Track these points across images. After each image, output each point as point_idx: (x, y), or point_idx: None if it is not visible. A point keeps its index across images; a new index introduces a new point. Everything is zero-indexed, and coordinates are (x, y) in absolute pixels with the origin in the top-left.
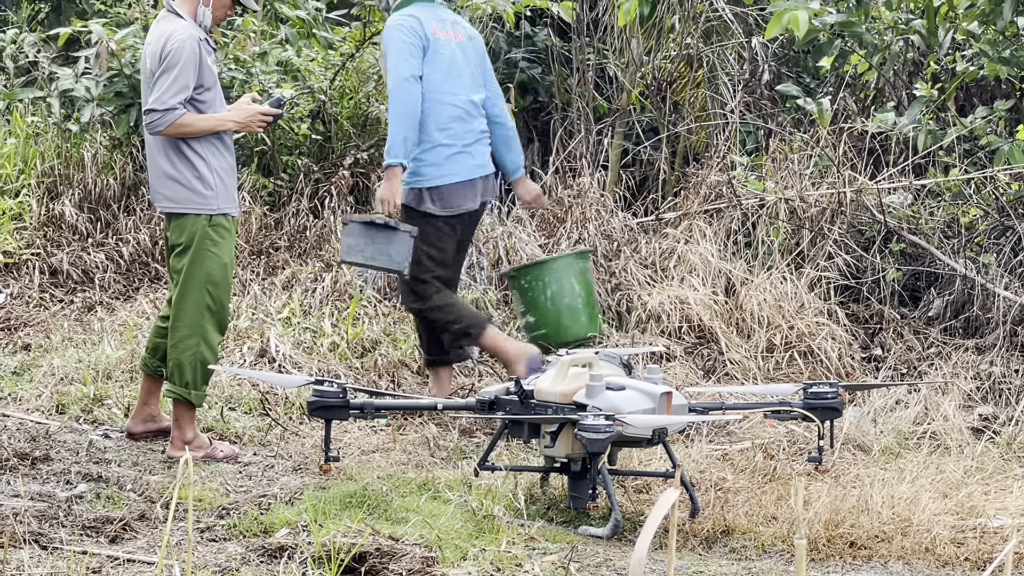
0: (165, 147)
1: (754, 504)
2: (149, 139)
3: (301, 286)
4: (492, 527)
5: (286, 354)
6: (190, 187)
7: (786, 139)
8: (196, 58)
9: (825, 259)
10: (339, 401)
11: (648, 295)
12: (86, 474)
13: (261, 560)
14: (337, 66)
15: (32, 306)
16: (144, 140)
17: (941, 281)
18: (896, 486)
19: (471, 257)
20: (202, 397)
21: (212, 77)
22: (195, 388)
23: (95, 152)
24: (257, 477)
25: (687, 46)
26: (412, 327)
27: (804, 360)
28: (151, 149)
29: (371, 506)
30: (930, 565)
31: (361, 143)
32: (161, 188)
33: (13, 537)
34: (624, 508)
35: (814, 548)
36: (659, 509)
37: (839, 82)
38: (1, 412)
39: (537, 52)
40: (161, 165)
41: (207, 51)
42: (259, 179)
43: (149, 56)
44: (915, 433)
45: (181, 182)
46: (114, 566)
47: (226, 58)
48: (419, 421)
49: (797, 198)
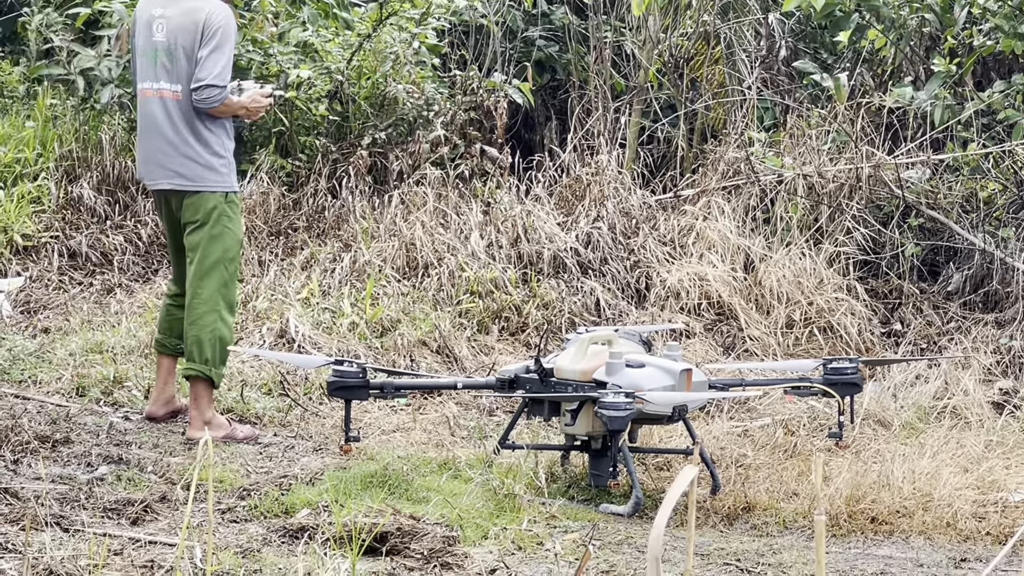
0: (186, 125)
1: (775, 480)
2: (158, 117)
3: (320, 266)
4: (513, 506)
5: (305, 334)
6: (208, 165)
7: (804, 115)
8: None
9: (844, 234)
10: (359, 381)
11: (667, 272)
12: (107, 456)
13: (282, 541)
14: (354, 46)
15: (51, 289)
16: (143, 119)
17: (960, 255)
18: (917, 461)
19: (490, 236)
20: (221, 376)
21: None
22: (215, 366)
23: (113, 134)
24: (277, 458)
25: (704, 23)
26: (430, 306)
27: (824, 336)
28: (162, 127)
29: (392, 486)
30: (951, 540)
31: (379, 123)
32: (174, 166)
33: (35, 519)
34: (645, 486)
35: (835, 524)
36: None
37: (856, 57)
38: (22, 395)
39: (554, 30)
40: (175, 144)
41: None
42: (277, 160)
43: (187, 30)
44: (935, 408)
45: (198, 160)
46: (135, 548)
47: (244, 39)
48: (439, 400)
49: (815, 174)
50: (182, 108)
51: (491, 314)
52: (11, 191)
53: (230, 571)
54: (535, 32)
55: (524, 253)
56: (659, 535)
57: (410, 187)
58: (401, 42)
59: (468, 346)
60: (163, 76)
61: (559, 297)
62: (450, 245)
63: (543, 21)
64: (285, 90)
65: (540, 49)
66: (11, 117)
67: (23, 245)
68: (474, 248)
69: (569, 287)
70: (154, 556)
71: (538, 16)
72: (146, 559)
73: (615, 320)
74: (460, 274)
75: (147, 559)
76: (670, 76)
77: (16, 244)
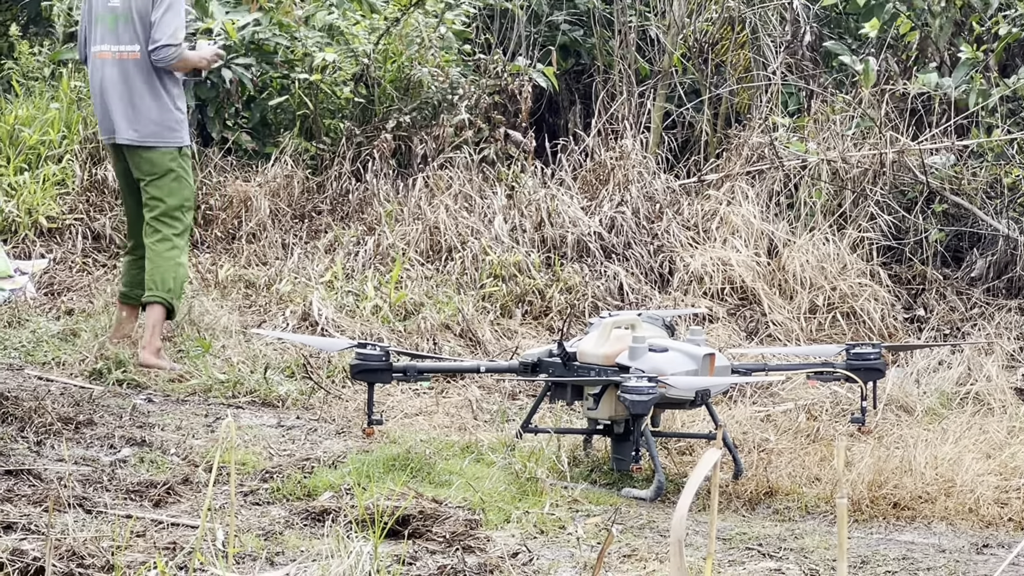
0: (145, 83)
1: (797, 465)
2: (117, 78)
3: (344, 249)
4: (535, 489)
5: (329, 318)
6: (163, 123)
7: (828, 100)
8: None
9: (867, 220)
10: (382, 364)
11: (690, 257)
12: (130, 438)
13: (304, 523)
14: (382, 30)
15: (75, 271)
16: (103, 81)
17: (984, 241)
18: (939, 447)
19: (514, 220)
20: (177, 308)
21: None
22: (176, 297)
23: None
24: (300, 440)
25: (729, 8)
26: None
27: (847, 321)
28: (121, 87)
29: (414, 469)
30: (974, 526)
31: (404, 107)
32: (135, 124)
33: (58, 501)
34: (667, 470)
35: (857, 509)
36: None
37: (881, 43)
38: (45, 377)
39: (579, 14)
40: (135, 102)
41: None
42: (301, 143)
43: None
44: (958, 394)
45: (154, 118)
46: (158, 530)
47: (270, 23)
48: (462, 384)
49: (839, 159)
50: (140, 68)
51: (514, 298)
52: (36, 173)
53: (252, 553)
54: (560, 16)
55: (547, 237)
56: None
57: (434, 171)
58: (427, 27)
59: (491, 330)
60: (123, 39)
61: (582, 281)
62: (474, 229)
63: (568, 5)
64: (310, 73)
65: (565, 33)
66: (36, 99)
67: (47, 227)
68: (498, 232)
69: (592, 271)
70: (176, 538)
71: (563, 0)
72: (168, 541)
73: (638, 304)
74: (484, 258)
75: (169, 541)
76: (695, 61)
77: (40, 226)
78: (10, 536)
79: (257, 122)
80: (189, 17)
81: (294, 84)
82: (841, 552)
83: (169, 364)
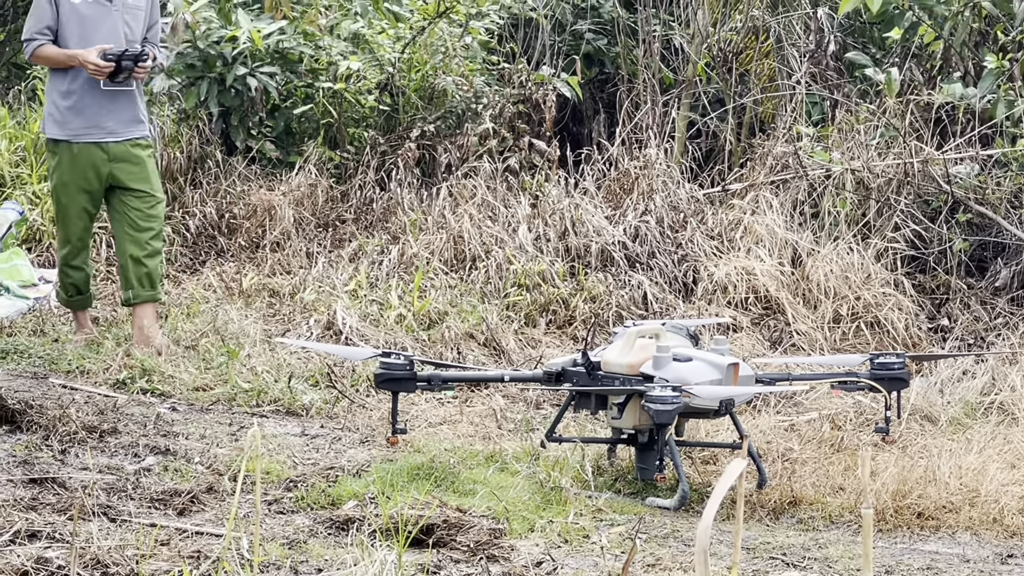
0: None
1: (821, 475)
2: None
3: (368, 258)
4: (559, 499)
5: (353, 326)
6: (144, 120)
7: (852, 110)
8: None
9: (891, 230)
10: (406, 373)
11: (715, 266)
12: (154, 447)
13: (329, 532)
14: (407, 39)
15: (99, 279)
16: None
17: (1008, 251)
18: (964, 457)
19: (538, 229)
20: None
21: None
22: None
23: (162, 125)
24: (324, 449)
25: (753, 17)
26: (477, 299)
27: (871, 331)
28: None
29: (438, 478)
30: (998, 536)
31: (428, 115)
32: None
33: (82, 509)
34: (691, 479)
35: (881, 519)
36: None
37: (905, 53)
38: (70, 385)
39: (603, 24)
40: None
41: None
42: (325, 151)
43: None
44: (982, 404)
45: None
46: (182, 538)
47: (295, 32)
48: (486, 393)
49: (864, 169)
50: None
51: (538, 307)
52: None
53: (277, 562)
54: (584, 25)
55: (572, 246)
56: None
57: (458, 179)
58: (452, 36)
59: (515, 339)
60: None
61: (606, 290)
62: (498, 238)
63: (592, 14)
64: (335, 82)
65: (589, 42)
66: None
67: None
68: (522, 241)
69: (616, 280)
70: (201, 547)
71: (587, 9)
72: (193, 549)
73: (662, 314)
74: (508, 267)
75: (194, 549)
76: (719, 70)
77: None
78: (35, 544)
79: (281, 131)
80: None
81: (318, 93)
82: (867, 562)
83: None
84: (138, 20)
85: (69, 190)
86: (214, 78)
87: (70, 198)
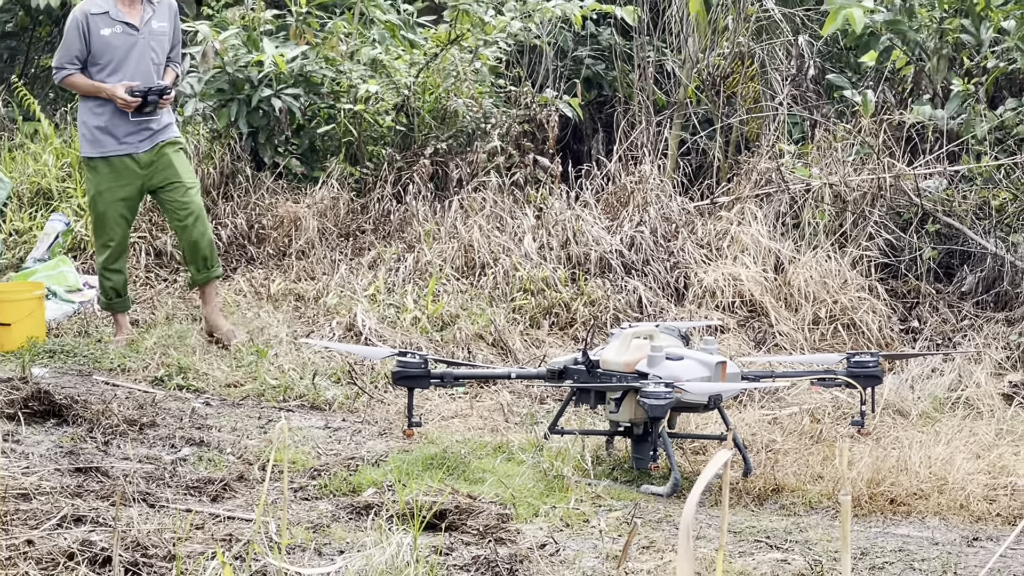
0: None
1: (801, 464)
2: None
3: (385, 265)
4: (562, 486)
5: (372, 328)
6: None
7: (830, 129)
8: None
9: (866, 239)
10: (421, 371)
11: (704, 272)
12: (189, 439)
13: (350, 517)
14: (421, 64)
15: (139, 285)
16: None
17: (973, 259)
18: (932, 448)
19: (541, 238)
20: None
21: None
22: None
23: (196, 144)
24: (346, 441)
25: (739, 44)
26: (486, 303)
27: (847, 332)
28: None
29: (450, 467)
30: (964, 520)
31: (440, 134)
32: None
33: (124, 496)
34: (683, 468)
35: (857, 505)
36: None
37: (879, 77)
38: (112, 382)
39: (601, 50)
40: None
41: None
42: (346, 167)
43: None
44: (950, 399)
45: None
46: (215, 523)
47: (317, 57)
48: (494, 389)
49: (840, 183)
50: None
51: (542, 310)
52: None
53: (302, 544)
54: (584, 52)
55: (573, 254)
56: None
57: (468, 193)
58: (463, 61)
59: (521, 339)
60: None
61: (605, 295)
62: (505, 247)
63: (591, 42)
64: (354, 103)
65: (588, 67)
66: None
67: None
68: (527, 250)
69: (614, 286)
70: (232, 530)
71: (587, 37)
72: (225, 533)
73: (656, 316)
74: (514, 273)
75: (226, 533)
76: (708, 92)
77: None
78: (80, 528)
79: (306, 148)
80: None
81: (340, 113)
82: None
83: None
84: (163, 45)
85: (105, 198)
86: (242, 100)
87: (107, 205)
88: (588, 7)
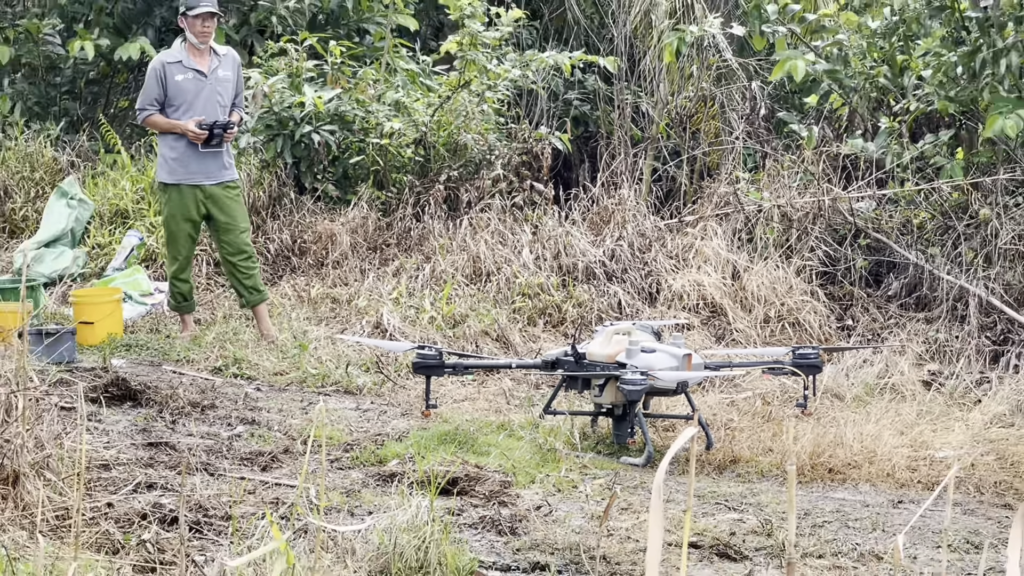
0: (225, 144)
1: (754, 439)
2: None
3: (407, 274)
4: (554, 458)
5: (395, 326)
6: (231, 167)
7: (778, 159)
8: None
9: (808, 251)
10: (436, 361)
11: (673, 279)
12: (243, 418)
13: (377, 484)
14: (436, 105)
15: (201, 290)
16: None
17: (898, 268)
18: (864, 426)
19: (537, 251)
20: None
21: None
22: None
23: (248, 172)
24: (374, 420)
25: (702, 88)
26: (491, 305)
27: (792, 329)
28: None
29: (461, 442)
30: (891, 487)
31: (453, 164)
32: (225, 166)
33: (188, 466)
34: (655, 443)
35: (801, 474)
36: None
37: (819, 115)
38: (178, 371)
39: (587, 93)
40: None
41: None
42: (374, 192)
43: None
44: (878, 385)
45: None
46: (264, 488)
47: (350, 99)
48: (498, 377)
49: (787, 204)
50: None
51: (538, 311)
52: None
53: (337, 507)
54: (572, 95)
55: (563, 264)
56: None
57: (476, 213)
58: (471, 103)
59: (520, 335)
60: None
61: (590, 298)
62: (506, 258)
63: (579, 86)
64: (381, 138)
65: (576, 108)
66: None
67: None
68: (525, 260)
69: (598, 291)
70: (279, 495)
71: (575, 82)
72: (273, 497)
73: (633, 316)
74: (514, 280)
75: (274, 497)
76: (676, 129)
77: None
78: (152, 493)
79: (340, 175)
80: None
81: (368, 146)
82: (790, 506)
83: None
84: (227, 90)
85: (176, 220)
86: (287, 135)
87: (177, 226)
88: (576, 58)
